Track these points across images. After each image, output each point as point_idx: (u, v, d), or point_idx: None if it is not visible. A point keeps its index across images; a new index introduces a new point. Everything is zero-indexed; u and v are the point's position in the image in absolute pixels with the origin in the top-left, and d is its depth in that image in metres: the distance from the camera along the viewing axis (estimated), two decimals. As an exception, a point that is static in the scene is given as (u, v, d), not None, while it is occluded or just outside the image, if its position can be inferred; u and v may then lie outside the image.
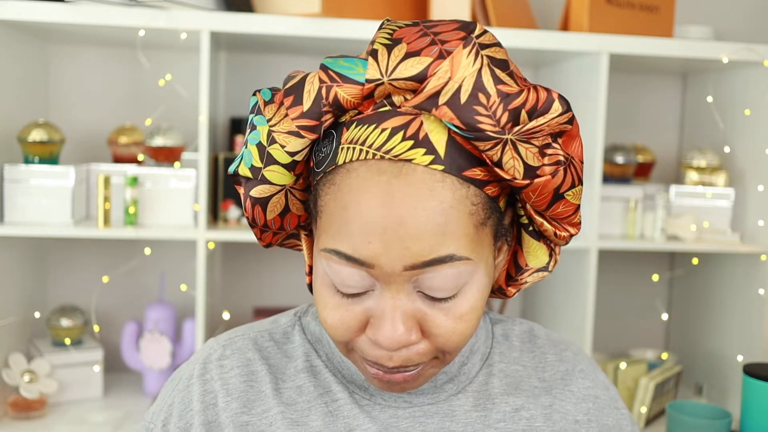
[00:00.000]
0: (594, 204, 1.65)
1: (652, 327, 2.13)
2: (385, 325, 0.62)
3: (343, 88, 0.62)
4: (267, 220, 0.69)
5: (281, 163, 0.66)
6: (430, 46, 0.61)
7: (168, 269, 1.92)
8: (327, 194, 0.63)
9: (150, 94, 1.89)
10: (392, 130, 0.61)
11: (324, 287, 0.65)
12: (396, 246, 0.60)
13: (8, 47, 1.60)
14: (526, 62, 1.94)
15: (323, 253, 0.63)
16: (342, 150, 0.63)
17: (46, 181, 1.56)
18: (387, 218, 0.60)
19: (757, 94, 1.76)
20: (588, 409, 0.78)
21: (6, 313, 1.63)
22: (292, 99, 0.64)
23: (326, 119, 0.64)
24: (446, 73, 0.60)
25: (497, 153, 0.61)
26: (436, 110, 0.60)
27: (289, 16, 1.55)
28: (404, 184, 0.60)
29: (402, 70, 0.61)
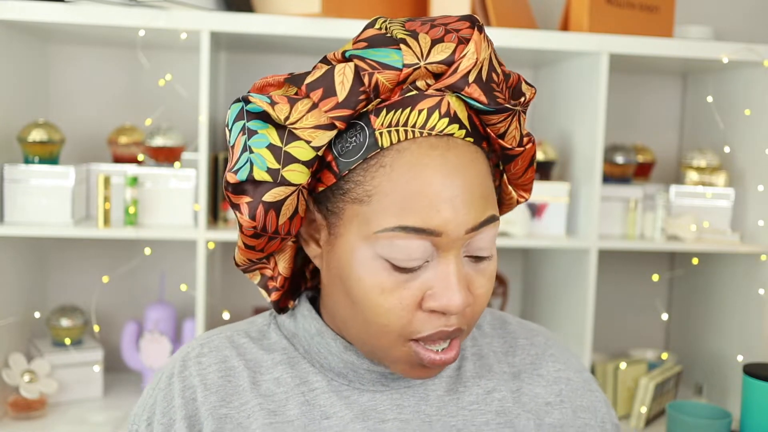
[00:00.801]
0: (594, 204, 1.65)
1: (652, 327, 2.13)
2: (451, 289, 0.66)
3: (383, 74, 0.66)
4: (279, 225, 0.69)
5: (302, 161, 0.67)
6: (448, 34, 0.68)
7: (168, 269, 1.92)
8: (375, 177, 0.66)
9: (150, 94, 1.89)
10: (428, 110, 0.66)
11: (376, 272, 0.67)
12: (461, 211, 0.66)
13: (8, 47, 1.60)
14: (526, 62, 1.94)
15: (383, 235, 0.66)
16: (381, 135, 0.67)
17: (46, 181, 1.56)
18: (451, 187, 0.66)
19: (757, 94, 1.76)
20: (560, 390, 0.81)
21: (6, 313, 1.63)
22: (322, 92, 0.66)
23: (360, 108, 0.66)
24: (473, 54, 0.67)
25: (505, 125, 0.69)
26: (468, 88, 0.67)
27: (289, 16, 1.55)
28: (455, 155, 0.67)
29: (435, 55, 0.66)
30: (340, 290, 0.71)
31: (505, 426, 0.76)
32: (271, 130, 0.67)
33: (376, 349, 0.71)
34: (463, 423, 0.75)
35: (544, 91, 1.97)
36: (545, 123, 1.95)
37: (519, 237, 1.66)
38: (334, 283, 0.72)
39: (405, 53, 0.66)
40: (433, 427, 0.74)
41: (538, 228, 1.71)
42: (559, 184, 1.71)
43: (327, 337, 0.76)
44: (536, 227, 1.71)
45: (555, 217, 1.71)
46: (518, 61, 1.90)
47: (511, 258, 2.07)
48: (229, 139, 0.71)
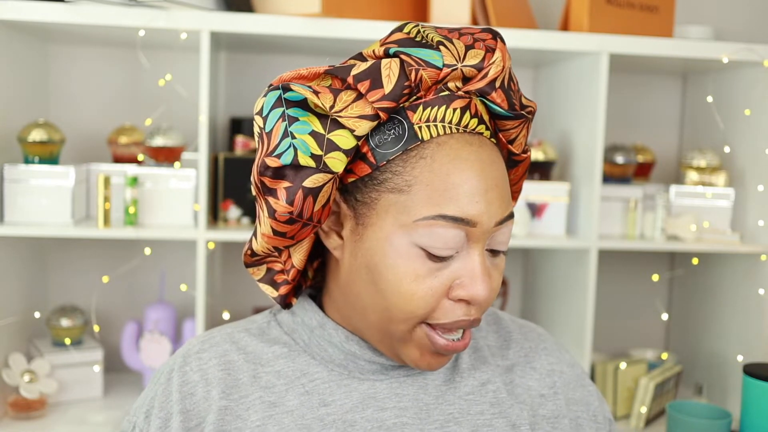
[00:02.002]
0: (594, 204, 1.65)
1: (652, 327, 2.13)
2: (479, 279, 0.70)
3: (427, 71, 0.70)
4: (314, 211, 0.72)
5: (343, 149, 0.70)
6: (477, 42, 0.73)
7: (168, 269, 1.92)
8: (416, 167, 0.70)
9: (150, 94, 1.89)
10: (461, 110, 0.71)
11: (411, 260, 0.70)
12: (494, 204, 0.71)
13: (8, 47, 1.60)
14: (526, 62, 1.94)
15: (423, 223, 0.69)
16: (420, 129, 0.71)
17: (46, 181, 1.56)
18: (486, 180, 0.70)
19: (757, 94, 1.75)
20: (554, 382, 0.83)
21: (6, 313, 1.63)
22: (369, 83, 0.70)
23: (402, 102, 0.70)
24: (500, 62, 0.72)
25: (516, 132, 0.75)
26: (495, 93, 0.72)
27: (289, 16, 1.55)
28: (486, 153, 0.72)
29: (469, 59, 0.71)
30: (364, 279, 0.73)
31: (500, 416, 0.78)
32: (313, 118, 0.70)
33: (393, 335, 0.73)
34: (459, 412, 0.77)
35: (544, 91, 1.97)
36: (545, 123, 1.95)
37: (519, 237, 1.66)
38: (358, 273, 0.74)
39: (445, 54, 0.71)
40: (430, 415, 0.76)
41: (538, 228, 1.71)
42: (559, 184, 1.71)
43: (329, 328, 0.78)
44: (536, 227, 1.71)
45: (555, 217, 1.71)
46: (518, 61, 1.90)
47: (511, 258, 2.07)
48: (263, 126, 0.72)
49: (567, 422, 0.81)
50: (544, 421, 0.80)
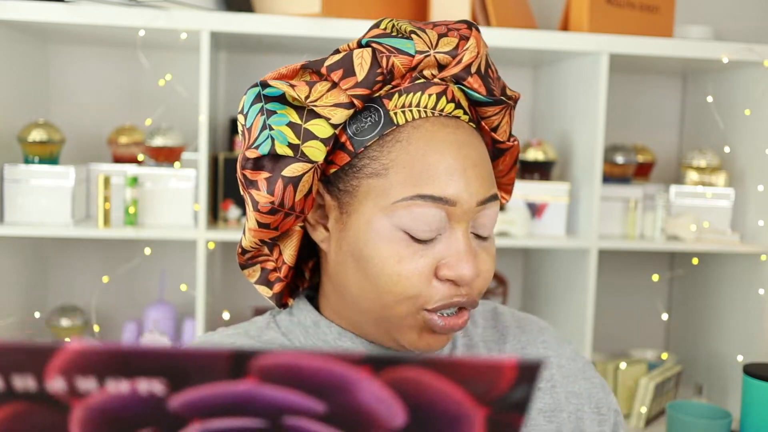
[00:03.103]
0: (594, 204, 1.65)
1: (652, 327, 2.13)
2: (464, 259, 0.70)
3: (398, 58, 0.72)
4: (295, 201, 0.73)
5: (321, 138, 0.72)
6: (450, 32, 0.74)
7: (168, 269, 1.92)
8: (392, 151, 0.71)
9: (150, 94, 1.89)
10: (437, 95, 0.72)
11: (394, 243, 0.71)
12: (473, 183, 0.71)
13: (8, 47, 1.60)
14: (526, 62, 1.94)
15: (402, 204, 0.70)
16: (396, 114, 0.72)
17: (46, 181, 1.56)
18: (465, 160, 0.71)
19: (757, 94, 1.75)
20: (551, 375, 0.84)
21: (6, 313, 1.63)
22: (342, 72, 0.72)
23: (376, 89, 0.72)
24: (475, 48, 0.73)
25: (498, 118, 0.76)
26: (470, 78, 0.73)
27: (289, 16, 1.55)
28: (464, 134, 0.73)
29: (442, 46, 0.73)
30: (351, 268, 0.74)
31: None
32: (290, 111, 0.72)
33: (388, 320, 0.73)
34: None
35: (544, 91, 1.97)
36: (545, 123, 1.95)
37: (519, 237, 1.66)
38: (345, 262, 0.74)
39: (417, 42, 0.73)
40: None
41: (538, 228, 1.71)
42: (559, 184, 1.71)
43: (322, 326, 0.79)
44: (536, 227, 1.71)
45: (555, 217, 1.71)
46: (518, 61, 1.90)
47: (511, 258, 2.07)
48: (244, 123, 0.74)
49: (565, 415, 0.81)
50: (540, 415, 0.80)
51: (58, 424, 0.37)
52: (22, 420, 0.36)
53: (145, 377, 0.35)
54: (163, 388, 0.36)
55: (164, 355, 0.35)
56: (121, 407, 0.36)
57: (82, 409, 0.36)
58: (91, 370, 0.35)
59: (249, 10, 1.63)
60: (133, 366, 0.35)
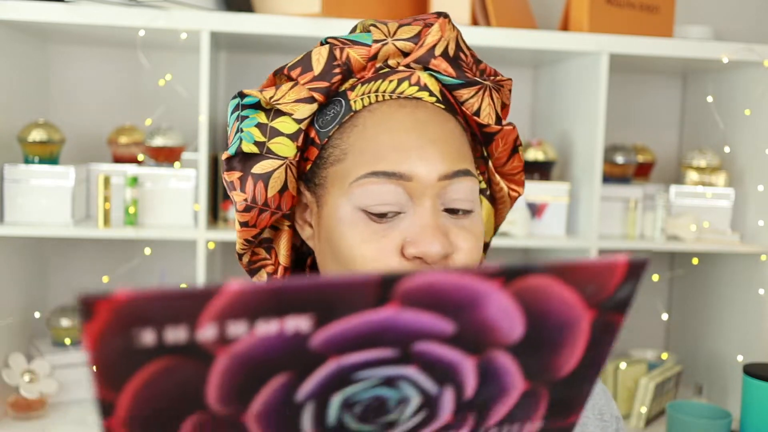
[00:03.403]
0: (594, 204, 1.65)
1: (652, 327, 2.13)
2: (428, 234, 0.69)
3: (354, 49, 0.73)
4: (268, 197, 0.74)
5: (286, 134, 0.73)
6: (416, 21, 0.75)
7: (168, 269, 1.92)
8: (350, 136, 0.72)
9: (150, 94, 1.89)
10: (399, 81, 0.73)
11: (356, 224, 0.71)
12: (432, 158, 0.70)
13: (8, 47, 1.60)
14: (526, 62, 1.94)
15: (356, 183, 0.70)
16: (355, 102, 0.73)
17: (46, 181, 1.56)
18: (421, 136, 0.71)
19: (757, 94, 1.76)
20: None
21: (6, 313, 1.63)
22: (301, 69, 0.74)
23: (335, 81, 0.73)
24: (438, 32, 0.74)
25: (477, 101, 0.75)
26: (435, 60, 0.73)
27: (289, 16, 1.55)
28: (424, 113, 0.72)
29: (402, 33, 0.74)
30: (329, 257, 0.75)
31: None
32: (261, 113, 0.75)
33: None
34: None
35: (544, 91, 1.97)
36: (545, 123, 1.95)
37: (519, 237, 1.66)
38: (324, 252, 0.76)
39: (374, 33, 0.74)
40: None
41: (538, 228, 1.71)
42: (559, 184, 1.71)
43: None
44: (536, 227, 1.71)
45: (555, 217, 1.71)
46: (518, 61, 1.90)
47: (511, 258, 2.07)
48: (228, 131, 0.79)
49: None
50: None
51: (198, 378, 0.36)
52: (163, 377, 0.35)
53: (295, 314, 0.35)
54: (309, 324, 0.36)
55: (315, 288, 0.35)
56: (264, 352, 0.36)
57: (226, 357, 0.36)
58: (244, 313, 0.35)
59: (249, 10, 1.63)
60: (284, 303, 0.35)
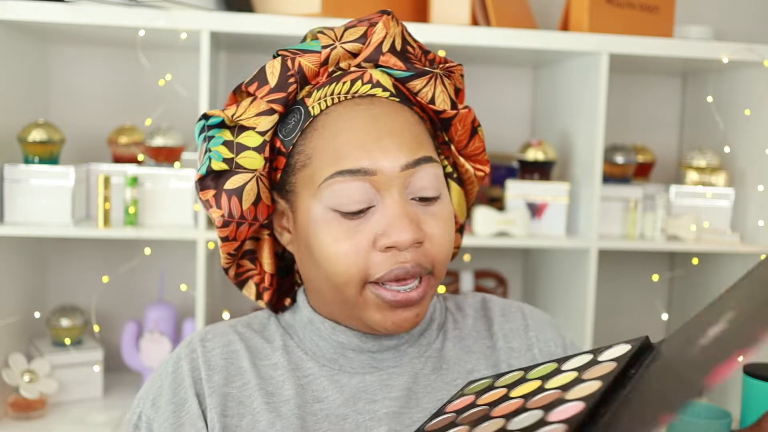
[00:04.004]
0: (594, 204, 1.65)
1: (652, 327, 2.13)
2: (398, 223, 0.71)
3: (305, 57, 0.76)
4: (243, 210, 0.76)
5: (252, 147, 0.76)
6: (361, 23, 0.78)
7: (168, 269, 1.92)
8: (312, 140, 0.75)
9: (150, 94, 1.89)
10: (351, 81, 0.75)
11: (328, 224, 0.73)
12: (392, 149, 0.72)
13: (8, 47, 1.60)
14: (526, 62, 1.94)
15: (324, 185, 0.73)
16: (313, 107, 0.76)
17: (46, 181, 1.56)
18: (379, 130, 0.73)
19: (757, 94, 1.75)
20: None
21: (6, 313, 1.63)
22: (257, 84, 0.76)
23: (291, 90, 0.75)
24: (383, 29, 0.76)
25: (430, 89, 0.77)
26: (383, 56, 0.76)
27: (289, 16, 1.55)
28: (379, 108, 0.75)
29: (348, 36, 0.77)
30: (307, 260, 0.77)
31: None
32: (226, 131, 0.77)
33: (346, 303, 0.75)
34: (448, 395, 0.80)
35: (544, 91, 1.97)
36: (545, 123, 1.95)
37: (519, 237, 1.66)
38: (303, 256, 0.77)
39: (322, 39, 0.77)
40: (420, 403, 0.79)
41: (538, 228, 1.71)
42: (559, 184, 1.71)
43: (316, 322, 0.81)
44: (536, 227, 1.71)
45: (555, 217, 1.71)
46: (518, 61, 1.90)
47: (511, 258, 2.07)
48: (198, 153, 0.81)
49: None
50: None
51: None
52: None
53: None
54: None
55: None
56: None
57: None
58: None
59: (249, 10, 1.63)
60: None
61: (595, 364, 0.69)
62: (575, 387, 0.65)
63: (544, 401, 0.65)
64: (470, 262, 1.97)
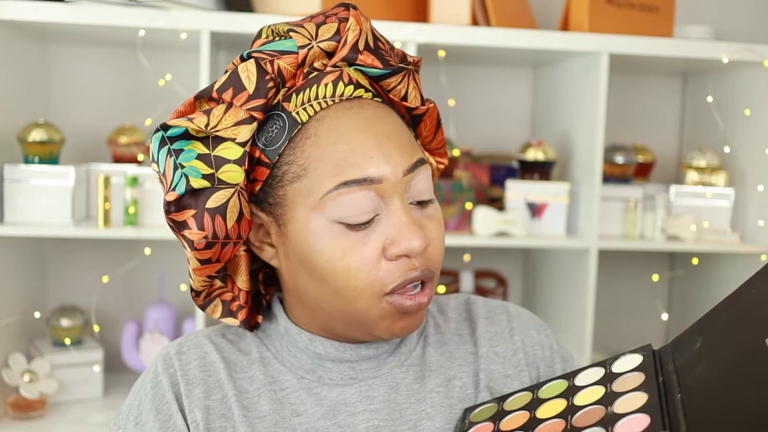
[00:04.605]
0: (594, 204, 1.65)
1: (652, 327, 2.13)
2: (408, 231, 0.70)
3: (282, 59, 0.71)
4: (228, 229, 0.72)
5: (233, 160, 0.70)
6: (328, 18, 0.74)
7: (168, 269, 1.92)
8: (304, 150, 0.71)
9: (150, 94, 1.89)
10: (333, 83, 0.72)
11: (334, 237, 0.70)
12: (393, 155, 0.70)
13: (8, 47, 1.60)
14: (526, 62, 1.94)
15: (328, 197, 0.69)
16: (298, 114, 0.71)
17: (46, 181, 1.56)
18: (377, 135, 0.71)
19: (757, 94, 1.75)
20: (518, 361, 0.82)
21: (6, 313, 1.63)
22: (232, 90, 0.71)
23: (271, 95, 0.71)
24: (356, 26, 0.73)
25: (404, 86, 0.75)
26: (362, 55, 0.73)
27: (289, 16, 1.55)
28: (370, 111, 0.72)
29: (323, 35, 0.73)
30: (303, 275, 0.73)
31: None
32: (197, 143, 0.71)
33: (355, 316, 0.73)
34: (431, 406, 0.77)
35: (544, 91, 1.97)
36: (545, 123, 1.95)
37: (519, 237, 1.66)
38: (297, 272, 0.74)
39: (296, 38, 0.72)
40: (403, 415, 0.76)
41: (538, 228, 1.71)
42: (559, 184, 1.71)
43: (293, 333, 0.78)
44: (536, 227, 1.71)
45: (555, 217, 1.71)
46: (518, 61, 1.90)
47: (511, 258, 2.07)
48: (157, 169, 0.73)
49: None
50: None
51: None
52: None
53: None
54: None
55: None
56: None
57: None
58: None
59: (249, 10, 1.63)
60: None
61: (617, 377, 0.69)
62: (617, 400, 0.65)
63: (591, 418, 0.65)
64: (470, 262, 1.97)
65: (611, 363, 0.72)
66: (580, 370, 0.73)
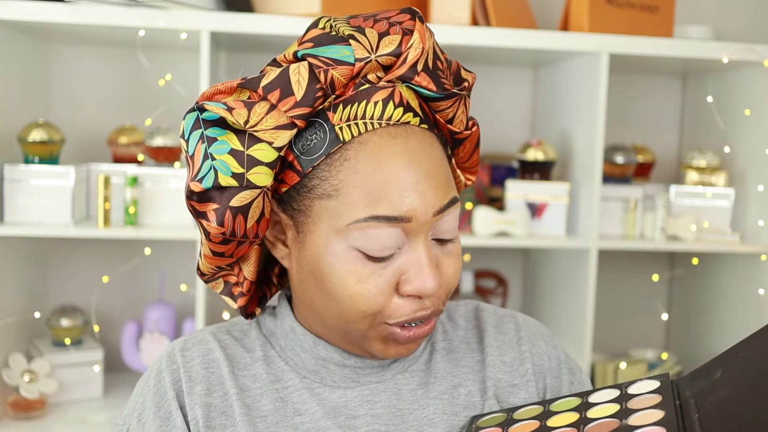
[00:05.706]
0: (594, 204, 1.65)
1: (652, 327, 2.13)
2: (425, 272, 0.69)
3: (337, 70, 0.68)
4: (247, 228, 0.70)
5: (265, 163, 0.68)
6: (392, 27, 0.70)
7: (168, 269, 1.92)
8: (341, 171, 0.68)
9: (150, 94, 1.88)
10: (383, 102, 0.69)
11: (351, 263, 0.69)
12: (428, 195, 0.68)
13: (8, 47, 1.60)
14: (526, 62, 1.94)
15: (355, 226, 0.68)
16: (341, 129, 0.68)
17: (46, 181, 1.56)
18: (415, 173, 0.68)
19: (757, 94, 1.75)
20: (525, 371, 0.82)
21: (6, 313, 1.63)
22: (279, 92, 0.67)
23: (318, 105, 0.68)
24: (419, 44, 0.69)
25: (452, 111, 0.72)
26: (418, 77, 0.69)
27: (289, 16, 1.55)
28: (415, 142, 0.70)
29: (383, 48, 0.69)
30: (312, 285, 0.73)
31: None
32: (231, 136, 0.68)
33: (352, 334, 0.73)
34: (434, 413, 0.77)
35: (544, 91, 1.97)
36: (545, 123, 1.95)
37: (519, 237, 1.66)
38: (306, 280, 0.73)
39: (356, 48, 0.68)
40: (405, 421, 0.76)
41: (538, 228, 1.71)
42: (559, 184, 1.71)
43: (298, 333, 0.78)
44: (536, 227, 1.71)
45: (555, 217, 1.71)
46: (518, 61, 1.90)
47: (511, 258, 2.07)
48: (186, 149, 0.71)
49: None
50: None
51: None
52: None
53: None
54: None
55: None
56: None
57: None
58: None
59: (249, 10, 1.63)
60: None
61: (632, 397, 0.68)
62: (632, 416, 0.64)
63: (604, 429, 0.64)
64: (470, 262, 1.97)
65: (627, 386, 0.71)
66: (594, 390, 0.73)
